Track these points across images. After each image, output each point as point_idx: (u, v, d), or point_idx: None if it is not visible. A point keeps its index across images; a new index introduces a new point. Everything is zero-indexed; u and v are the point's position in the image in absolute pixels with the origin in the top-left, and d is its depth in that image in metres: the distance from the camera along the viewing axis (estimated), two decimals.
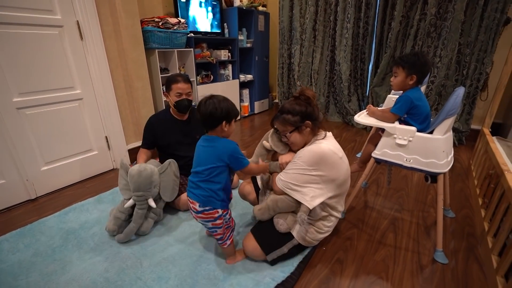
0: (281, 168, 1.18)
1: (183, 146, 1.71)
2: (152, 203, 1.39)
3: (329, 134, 1.18)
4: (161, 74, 2.47)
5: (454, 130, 2.64)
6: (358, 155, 2.37)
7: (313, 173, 1.06)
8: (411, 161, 1.22)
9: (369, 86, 3.11)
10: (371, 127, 1.82)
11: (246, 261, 1.24)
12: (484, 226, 1.35)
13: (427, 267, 1.20)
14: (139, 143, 2.35)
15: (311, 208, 1.06)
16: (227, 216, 1.13)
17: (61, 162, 1.90)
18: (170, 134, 1.68)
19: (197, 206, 1.07)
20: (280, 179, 1.12)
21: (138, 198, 1.36)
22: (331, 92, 3.43)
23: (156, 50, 2.38)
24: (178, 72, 2.63)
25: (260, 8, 3.46)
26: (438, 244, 1.24)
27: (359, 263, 1.23)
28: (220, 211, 1.08)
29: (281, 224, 1.14)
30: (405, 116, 1.29)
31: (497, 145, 1.70)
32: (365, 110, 1.47)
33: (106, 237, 1.41)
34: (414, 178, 1.98)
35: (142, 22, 2.23)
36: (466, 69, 2.48)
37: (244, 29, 3.39)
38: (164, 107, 2.57)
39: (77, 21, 1.80)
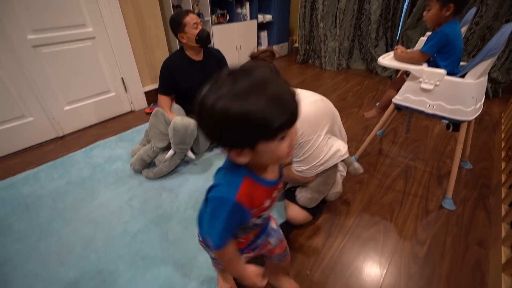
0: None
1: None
2: (191, 154, 1.47)
3: (302, 95, 0.95)
4: (173, 11, 2.32)
5: (492, 80, 2.40)
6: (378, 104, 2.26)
7: (321, 136, 0.94)
8: (434, 107, 1.15)
9: (401, 29, 2.79)
10: (396, 75, 1.69)
11: None
12: (501, 177, 1.32)
13: (432, 212, 1.23)
14: (154, 86, 2.36)
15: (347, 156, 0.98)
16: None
17: (82, 103, 1.96)
18: (190, 76, 1.64)
19: None
20: (301, 171, 0.98)
21: (181, 150, 1.42)
22: (356, 36, 3.13)
23: None
24: (192, 9, 2.46)
25: None
26: (448, 192, 1.25)
27: (365, 205, 1.27)
28: None
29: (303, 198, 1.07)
30: (435, 55, 1.16)
31: None
32: (391, 52, 1.35)
33: (128, 171, 1.52)
34: (436, 128, 1.90)
35: None
36: None
37: None
38: (178, 48, 2.48)
39: None
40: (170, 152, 1.40)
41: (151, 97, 2.35)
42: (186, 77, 1.62)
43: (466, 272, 0.99)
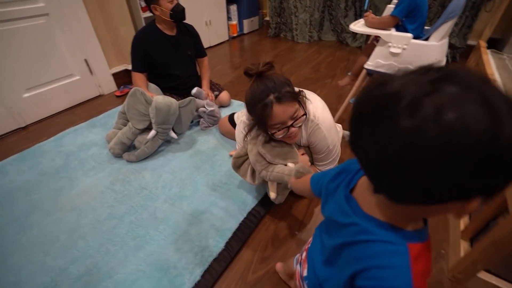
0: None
1: (178, 65, 1.64)
2: (173, 134, 1.44)
3: (306, 92, 0.96)
4: None
5: (450, 46, 2.55)
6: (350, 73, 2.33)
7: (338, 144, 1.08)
8: None
9: None
10: (366, 44, 1.74)
11: None
12: None
13: None
14: (123, 67, 2.23)
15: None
16: None
17: (43, 88, 1.81)
18: (165, 52, 1.57)
19: None
20: (325, 169, 1.07)
21: (164, 130, 1.38)
22: (326, 7, 3.13)
23: None
24: None
25: None
26: None
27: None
28: None
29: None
30: (403, 19, 1.22)
31: (489, 57, 1.69)
32: (362, 19, 1.38)
33: (105, 156, 1.47)
34: None
35: None
36: None
37: None
38: (143, 24, 2.33)
39: None
40: (152, 132, 1.37)
41: (120, 79, 2.22)
42: (160, 52, 1.55)
43: (432, 237, 1.11)
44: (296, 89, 0.90)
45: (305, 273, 0.53)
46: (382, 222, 0.34)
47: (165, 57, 1.57)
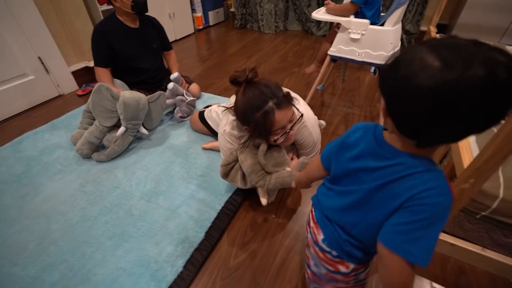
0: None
1: (144, 58, 1.58)
2: (144, 130, 1.41)
3: (293, 95, 0.94)
4: None
5: (406, 32, 2.73)
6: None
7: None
8: (362, 55, 1.29)
9: None
10: (328, 32, 1.80)
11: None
12: None
13: None
14: (83, 64, 2.10)
15: None
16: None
17: None
18: (128, 45, 1.50)
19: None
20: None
21: (134, 126, 1.34)
22: (286, 5, 3.17)
23: None
24: None
25: None
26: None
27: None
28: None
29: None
30: (362, 6, 1.29)
31: None
32: (323, 7, 1.43)
33: (72, 158, 1.40)
34: (366, 79, 2.13)
35: None
36: None
37: None
38: (101, 17, 2.20)
39: None
40: (121, 129, 1.32)
41: (82, 77, 2.09)
42: (123, 45, 1.49)
43: None
44: (284, 90, 0.90)
45: (321, 236, 0.59)
46: (421, 156, 0.42)
47: (129, 50, 1.51)
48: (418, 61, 0.35)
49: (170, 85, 1.52)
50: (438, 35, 1.95)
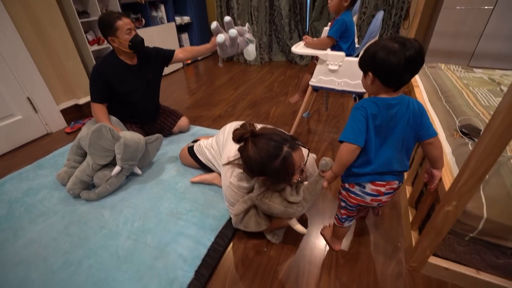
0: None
1: (139, 92, 1.61)
2: (138, 170, 1.42)
3: None
4: (80, 18, 2.11)
5: None
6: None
7: None
8: (342, 84, 1.36)
9: (308, 21, 3.13)
10: (308, 64, 1.90)
11: (208, 194, 1.34)
12: None
13: None
14: (72, 102, 2.13)
15: None
16: None
17: None
18: (126, 80, 1.54)
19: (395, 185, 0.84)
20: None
21: (129, 167, 1.35)
22: (273, 30, 3.38)
23: None
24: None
25: None
26: None
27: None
28: None
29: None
30: (338, 40, 1.38)
31: None
32: (302, 41, 1.53)
33: (57, 199, 1.36)
34: (350, 104, 2.22)
35: None
36: None
37: None
38: (92, 57, 2.27)
39: None
40: (117, 168, 1.31)
41: (70, 115, 2.10)
42: (122, 81, 1.52)
43: (386, 213, 1.22)
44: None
45: (385, 191, 0.84)
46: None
47: (126, 86, 1.54)
48: (387, 47, 0.68)
49: (233, 32, 1.51)
50: None
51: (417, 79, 1.70)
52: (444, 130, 1.15)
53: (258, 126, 0.99)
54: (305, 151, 0.94)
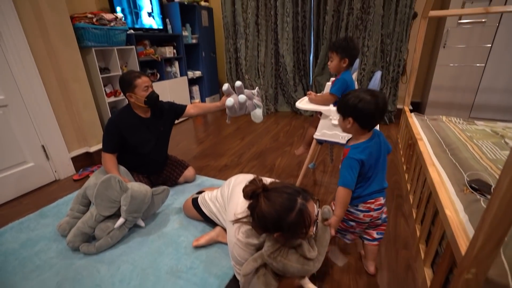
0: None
1: (149, 144, 1.67)
2: (142, 222, 1.40)
3: None
4: (101, 74, 2.32)
5: None
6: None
7: None
8: (345, 138, 1.39)
9: (312, 76, 3.36)
10: (312, 118, 1.98)
11: (210, 250, 1.28)
12: (407, 186, 1.61)
13: None
14: (84, 150, 2.20)
15: None
16: None
17: None
18: (139, 133, 1.61)
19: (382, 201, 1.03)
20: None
21: (133, 219, 1.34)
22: (278, 84, 3.60)
23: (93, 49, 2.22)
24: (121, 71, 2.49)
25: (202, 3, 3.43)
26: None
27: None
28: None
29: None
30: (340, 97, 1.45)
31: (414, 120, 2.02)
32: (306, 97, 1.62)
33: (54, 251, 1.31)
34: None
35: (72, 18, 2.05)
36: (388, 56, 2.85)
37: (187, 25, 3.33)
38: (108, 108, 2.42)
39: None
40: (120, 220, 1.29)
41: (80, 162, 2.16)
42: (134, 133, 1.59)
43: (401, 274, 1.13)
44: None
45: (374, 207, 1.02)
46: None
47: (138, 138, 1.61)
48: (365, 99, 0.90)
49: (242, 98, 1.61)
50: (413, 114, 2.16)
51: (420, 132, 1.74)
52: (453, 185, 1.13)
53: (267, 180, 0.99)
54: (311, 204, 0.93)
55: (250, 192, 0.86)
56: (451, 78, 2.73)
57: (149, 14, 2.88)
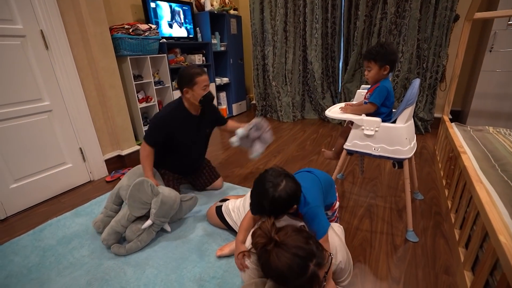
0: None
1: (195, 145, 1.68)
2: (168, 227, 1.43)
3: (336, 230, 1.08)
4: (134, 81, 2.44)
5: (420, 119, 2.83)
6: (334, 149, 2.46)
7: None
8: (378, 149, 1.31)
9: (341, 83, 3.25)
10: (345, 121, 1.89)
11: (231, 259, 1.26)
12: (448, 204, 1.47)
13: (400, 247, 1.29)
14: (116, 153, 2.30)
15: None
16: None
17: (32, 178, 1.81)
18: (188, 132, 1.61)
19: None
20: None
21: (160, 223, 1.37)
22: (305, 90, 3.54)
23: (128, 57, 2.34)
24: (152, 78, 2.60)
25: (232, 11, 3.50)
26: (409, 225, 1.34)
27: None
28: None
29: None
30: (380, 106, 1.36)
31: (455, 130, 1.85)
32: (337, 105, 1.55)
33: (86, 250, 1.37)
34: (387, 166, 2.10)
35: (111, 29, 2.19)
36: (425, 62, 2.67)
37: (217, 33, 3.41)
38: (139, 113, 2.53)
39: (41, 30, 1.74)
40: (148, 222, 1.33)
41: (112, 165, 2.26)
42: (183, 130, 1.58)
43: None
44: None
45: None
46: None
47: (187, 135, 1.60)
48: (264, 187, 0.90)
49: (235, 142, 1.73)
50: (453, 124, 1.99)
51: (463, 144, 1.59)
52: (505, 206, 1.00)
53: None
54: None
55: (258, 245, 0.80)
56: (498, 85, 2.49)
57: (181, 25, 2.99)
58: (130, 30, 2.28)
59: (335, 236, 0.99)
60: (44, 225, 1.59)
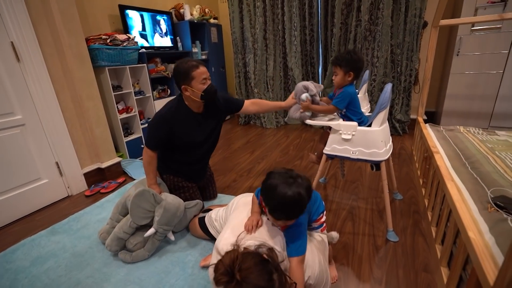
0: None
1: (201, 145, 1.55)
2: (172, 236, 1.39)
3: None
4: (114, 92, 2.39)
5: (398, 121, 2.94)
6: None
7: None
8: (356, 153, 1.34)
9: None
10: (321, 134, 1.89)
11: None
12: (425, 202, 1.53)
13: (381, 247, 1.32)
14: (95, 166, 2.23)
15: None
16: None
17: (3, 196, 1.72)
18: (190, 130, 1.47)
19: None
20: None
21: (164, 231, 1.32)
22: (287, 96, 3.58)
23: (106, 68, 2.30)
24: (132, 88, 2.56)
25: (212, 20, 3.52)
26: (389, 225, 1.38)
27: None
28: None
29: None
30: (345, 111, 1.41)
31: (429, 131, 1.94)
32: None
33: (63, 270, 1.31)
34: (367, 169, 2.16)
35: (88, 40, 2.15)
36: (399, 66, 2.79)
37: (197, 42, 3.42)
38: (120, 124, 2.47)
39: (11, 42, 1.68)
40: (151, 230, 1.29)
41: (92, 178, 2.19)
42: (186, 130, 1.46)
43: None
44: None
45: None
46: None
47: (190, 136, 1.48)
48: (277, 188, 0.84)
49: (304, 96, 1.44)
50: (427, 125, 2.08)
51: (436, 144, 1.66)
52: (475, 202, 1.05)
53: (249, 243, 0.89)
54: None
55: (222, 285, 0.74)
56: (467, 86, 2.64)
57: (161, 35, 2.98)
58: (108, 41, 2.25)
59: (308, 251, 0.95)
60: (17, 245, 1.50)
